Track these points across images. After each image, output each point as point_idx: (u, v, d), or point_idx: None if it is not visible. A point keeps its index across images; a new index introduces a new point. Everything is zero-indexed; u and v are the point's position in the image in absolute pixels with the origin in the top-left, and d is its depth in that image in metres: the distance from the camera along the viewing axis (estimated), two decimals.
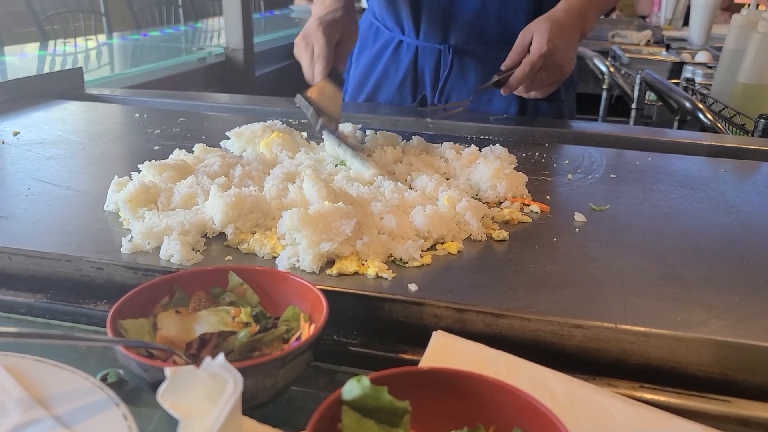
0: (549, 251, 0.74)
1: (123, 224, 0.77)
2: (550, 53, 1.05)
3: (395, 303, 0.61)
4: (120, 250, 0.70)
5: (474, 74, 1.34)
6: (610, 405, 0.50)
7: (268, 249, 0.71)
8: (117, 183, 0.83)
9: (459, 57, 1.34)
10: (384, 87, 1.44)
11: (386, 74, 1.43)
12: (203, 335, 0.53)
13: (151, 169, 0.87)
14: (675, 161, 1.09)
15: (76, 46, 3.01)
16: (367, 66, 1.46)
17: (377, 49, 1.44)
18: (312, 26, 1.08)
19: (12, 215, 0.80)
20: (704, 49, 2.93)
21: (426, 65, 1.38)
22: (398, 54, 1.41)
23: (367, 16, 1.50)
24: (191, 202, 0.80)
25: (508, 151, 1.03)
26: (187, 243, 0.70)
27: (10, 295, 0.67)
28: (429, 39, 1.35)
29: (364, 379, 0.42)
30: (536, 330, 0.59)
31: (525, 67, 1.06)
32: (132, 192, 0.78)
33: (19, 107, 1.32)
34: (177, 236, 0.70)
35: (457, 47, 1.33)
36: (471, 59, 1.34)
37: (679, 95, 1.81)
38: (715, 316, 0.60)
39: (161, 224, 0.72)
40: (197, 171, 0.88)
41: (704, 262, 0.72)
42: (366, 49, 1.47)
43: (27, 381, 0.51)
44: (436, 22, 1.33)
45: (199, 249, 0.71)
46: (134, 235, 0.71)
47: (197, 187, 0.81)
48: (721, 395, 0.55)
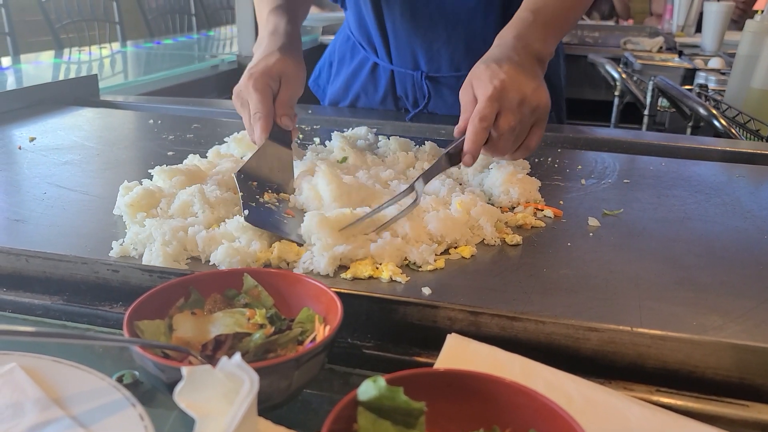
0: (563, 255, 0.74)
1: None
2: (500, 92, 0.81)
3: (409, 306, 0.61)
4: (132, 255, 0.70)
5: (453, 99, 1.28)
6: (626, 408, 0.50)
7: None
8: (125, 187, 0.83)
9: (434, 83, 1.32)
10: (364, 104, 1.42)
11: (365, 92, 1.41)
12: (218, 336, 0.53)
13: (161, 174, 0.87)
14: (689, 167, 1.08)
15: (90, 54, 3.04)
16: (345, 82, 1.44)
17: (354, 67, 1.41)
18: (243, 80, 0.93)
19: (29, 219, 0.81)
20: (717, 55, 2.91)
21: (403, 89, 1.36)
22: (375, 75, 1.39)
23: (345, 30, 1.46)
24: (187, 212, 0.78)
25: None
26: (167, 254, 0.69)
27: (27, 297, 0.68)
28: (401, 65, 1.33)
29: (380, 379, 0.42)
30: (551, 333, 0.58)
31: (475, 120, 0.80)
32: (134, 197, 0.79)
33: (36, 113, 1.34)
34: (159, 246, 0.69)
35: (430, 74, 1.31)
36: (445, 87, 1.32)
37: (692, 101, 1.80)
38: (731, 321, 0.60)
39: (146, 232, 0.72)
40: (209, 178, 0.88)
41: (720, 267, 0.71)
42: (344, 65, 1.44)
43: (44, 381, 0.51)
44: (404, 48, 1.30)
45: (181, 260, 0.70)
46: (125, 240, 0.72)
47: (195, 197, 0.79)
48: (738, 399, 0.55)
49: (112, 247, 0.71)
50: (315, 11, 5.52)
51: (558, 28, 0.95)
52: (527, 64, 0.87)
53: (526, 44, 0.89)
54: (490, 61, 0.86)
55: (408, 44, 1.29)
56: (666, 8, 4.02)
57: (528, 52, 0.89)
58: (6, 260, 0.70)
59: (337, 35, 1.49)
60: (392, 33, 1.29)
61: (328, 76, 1.49)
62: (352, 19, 1.37)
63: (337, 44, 1.48)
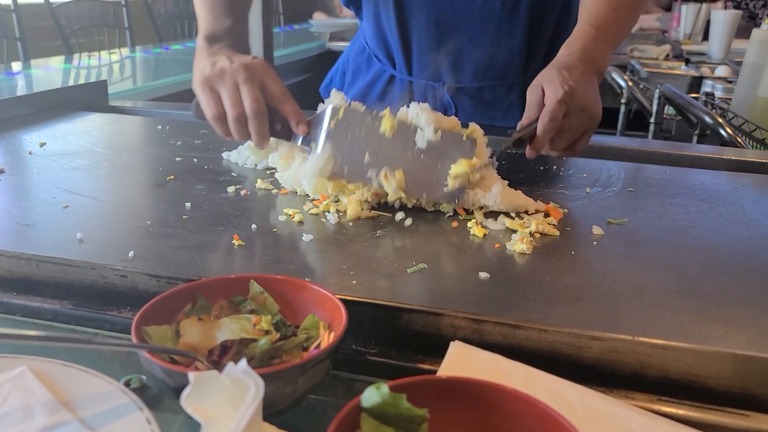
0: (566, 264, 0.75)
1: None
2: (570, 96, 0.90)
3: (413, 313, 0.62)
4: (143, 258, 0.71)
5: (474, 109, 1.32)
6: (627, 417, 0.51)
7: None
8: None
9: (454, 94, 1.32)
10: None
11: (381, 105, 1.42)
12: (225, 342, 0.54)
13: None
14: (694, 175, 1.09)
15: (100, 59, 3.07)
16: (360, 94, 1.43)
17: (370, 79, 1.42)
18: (235, 66, 0.89)
19: (38, 223, 0.82)
20: (724, 63, 2.91)
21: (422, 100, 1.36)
22: (391, 88, 1.39)
23: (359, 40, 1.46)
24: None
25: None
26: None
27: (37, 302, 0.69)
28: (422, 76, 1.33)
29: (384, 386, 0.42)
30: (553, 341, 0.59)
31: (545, 119, 0.90)
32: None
33: (45, 119, 1.35)
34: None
35: (451, 85, 1.31)
36: (467, 97, 1.33)
37: (698, 109, 1.80)
38: (734, 331, 0.60)
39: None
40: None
41: (724, 277, 0.72)
42: (360, 76, 1.44)
43: (53, 384, 0.52)
44: (427, 59, 1.31)
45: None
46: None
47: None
48: (740, 409, 0.55)
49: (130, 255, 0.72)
50: (322, 17, 5.55)
51: (614, 44, 1.05)
52: (592, 77, 0.97)
53: (590, 57, 0.98)
54: (561, 68, 0.94)
55: (431, 56, 1.30)
56: (673, 16, 4.02)
57: (591, 65, 0.97)
58: (16, 265, 0.71)
59: (352, 44, 1.50)
60: (416, 45, 1.30)
61: (341, 85, 1.50)
62: (369, 31, 1.37)
63: (352, 54, 1.48)
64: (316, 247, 0.78)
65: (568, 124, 0.91)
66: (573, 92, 0.90)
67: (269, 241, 0.79)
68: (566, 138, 0.93)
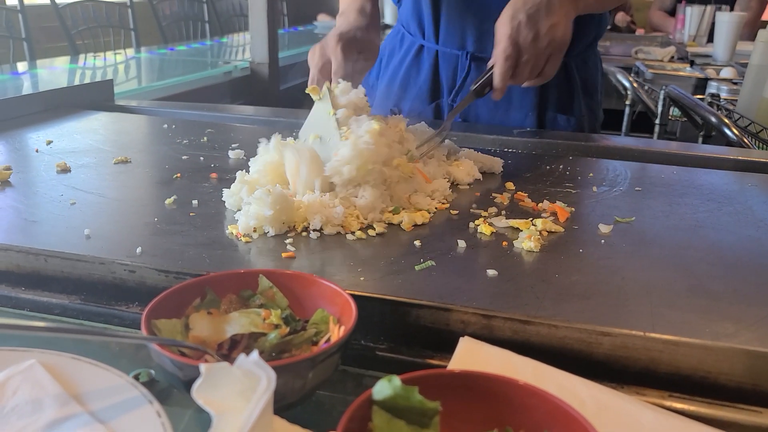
0: (575, 262, 0.74)
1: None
2: (517, 29, 0.94)
3: (422, 308, 0.61)
4: (151, 254, 0.71)
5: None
6: (638, 413, 0.50)
7: None
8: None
9: (476, 64, 1.34)
10: (408, 92, 1.45)
11: (408, 79, 1.44)
12: (234, 336, 0.54)
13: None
14: (701, 175, 1.08)
15: (105, 59, 3.08)
16: (392, 72, 1.48)
17: (401, 55, 1.46)
18: (331, 41, 1.06)
19: (46, 220, 0.82)
20: (729, 64, 2.91)
21: (445, 71, 1.39)
22: (420, 59, 1.42)
23: (397, 26, 1.52)
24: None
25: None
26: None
27: (46, 297, 0.69)
28: (448, 44, 1.36)
29: (395, 379, 0.42)
30: (564, 337, 0.59)
31: (500, 61, 0.96)
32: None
33: (52, 117, 1.36)
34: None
35: (475, 54, 1.34)
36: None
37: (704, 110, 1.80)
38: (744, 328, 0.60)
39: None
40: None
41: (732, 275, 0.71)
42: (394, 56, 1.49)
43: (63, 378, 0.52)
44: (454, 28, 1.34)
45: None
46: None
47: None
48: (751, 405, 0.55)
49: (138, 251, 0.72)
50: (327, 19, 5.56)
51: None
52: (555, 2, 0.97)
53: None
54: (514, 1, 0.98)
55: (459, 24, 1.33)
56: (678, 18, 4.01)
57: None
58: (25, 260, 0.71)
59: (387, 37, 1.56)
60: (445, 13, 1.33)
61: (378, 73, 1.53)
62: (407, 7, 1.42)
63: (387, 39, 1.54)
64: (322, 243, 0.78)
65: (525, 58, 0.96)
66: (521, 24, 0.94)
67: (276, 238, 0.79)
68: (528, 69, 0.98)
